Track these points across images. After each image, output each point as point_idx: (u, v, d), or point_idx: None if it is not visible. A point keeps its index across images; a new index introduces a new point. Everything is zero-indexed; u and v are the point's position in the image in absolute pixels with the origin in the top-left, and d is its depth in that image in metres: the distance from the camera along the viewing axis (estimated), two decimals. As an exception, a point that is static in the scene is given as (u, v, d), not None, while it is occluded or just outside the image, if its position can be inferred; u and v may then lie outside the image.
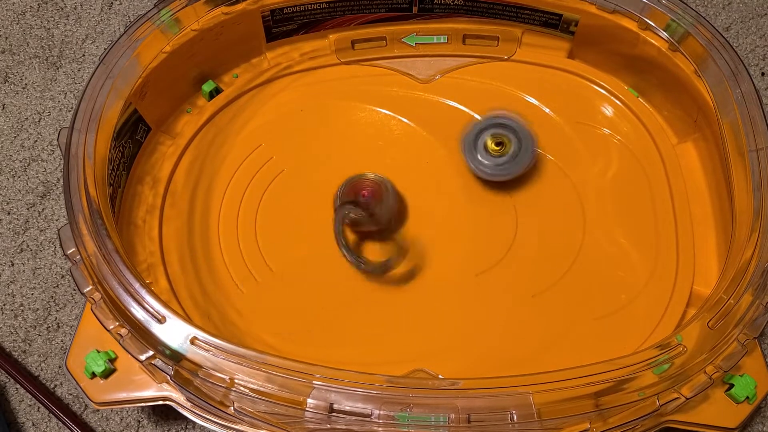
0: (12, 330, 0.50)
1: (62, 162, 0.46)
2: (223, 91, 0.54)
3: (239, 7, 0.52)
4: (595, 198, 0.51)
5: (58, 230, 0.43)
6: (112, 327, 0.40)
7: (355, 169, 0.51)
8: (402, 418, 0.38)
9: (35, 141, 0.56)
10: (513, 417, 0.38)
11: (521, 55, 0.55)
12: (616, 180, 0.52)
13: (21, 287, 0.51)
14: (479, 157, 0.50)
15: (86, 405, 0.48)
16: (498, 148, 0.50)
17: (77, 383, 0.43)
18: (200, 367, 0.38)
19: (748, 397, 0.42)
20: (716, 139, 0.49)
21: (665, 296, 0.48)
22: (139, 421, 0.47)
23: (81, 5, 0.61)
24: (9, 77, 0.58)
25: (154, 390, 0.43)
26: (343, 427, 0.38)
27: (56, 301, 0.51)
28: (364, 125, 0.54)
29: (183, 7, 0.49)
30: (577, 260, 0.49)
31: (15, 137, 0.56)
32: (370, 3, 0.54)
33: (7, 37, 0.60)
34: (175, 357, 0.39)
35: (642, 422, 0.40)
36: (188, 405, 0.42)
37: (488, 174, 0.50)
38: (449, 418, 0.37)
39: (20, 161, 0.55)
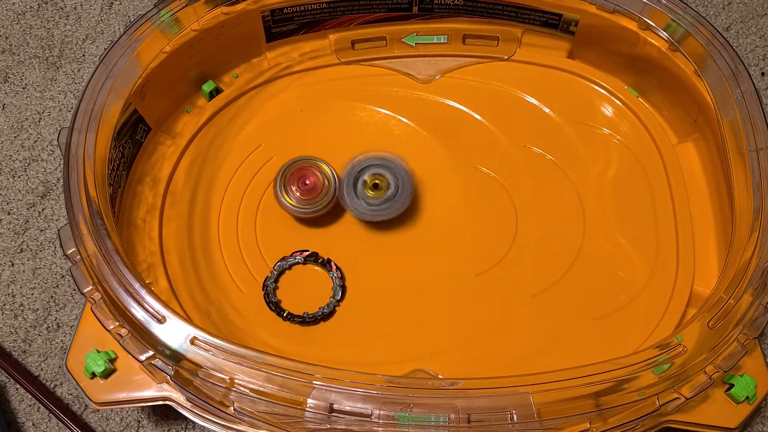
0: (12, 330, 0.50)
1: (62, 162, 0.46)
2: (223, 91, 0.54)
3: (239, 7, 0.52)
4: (595, 198, 0.51)
5: (58, 230, 0.43)
6: (112, 327, 0.40)
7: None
8: (402, 418, 0.38)
9: (35, 141, 0.56)
10: (513, 417, 0.38)
11: (521, 55, 0.55)
12: (616, 180, 0.52)
13: (21, 287, 0.51)
14: (357, 199, 0.49)
15: (86, 405, 0.48)
16: (375, 190, 0.49)
17: (77, 383, 0.43)
18: (200, 367, 0.38)
19: (748, 397, 0.42)
20: (716, 139, 0.49)
21: (665, 296, 0.48)
22: (139, 421, 0.47)
23: (81, 5, 0.61)
24: (9, 77, 0.58)
25: (154, 390, 0.43)
26: (343, 427, 0.38)
27: (56, 301, 0.51)
28: (364, 125, 0.54)
29: (183, 7, 0.49)
30: (577, 260, 0.49)
31: (15, 137, 0.56)
32: (370, 3, 0.54)
33: (7, 37, 0.60)
34: (175, 357, 0.39)
35: (642, 422, 0.40)
36: (188, 405, 0.42)
37: (365, 215, 0.49)
38: (449, 418, 0.37)
39: (20, 161, 0.55)
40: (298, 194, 0.49)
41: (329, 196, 0.49)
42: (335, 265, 0.49)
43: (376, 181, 0.49)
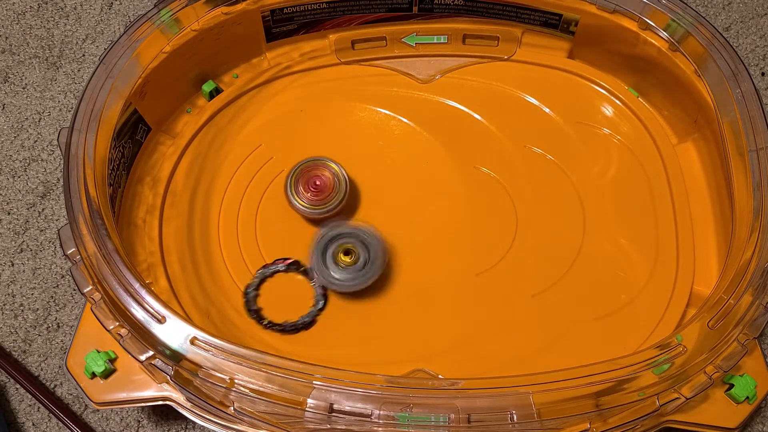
0: (12, 330, 0.50)
1: (62, 162, 0.46)
2: (223, 91, 0.54)
3: (239, 7, 0.52)
4: (595, 198, 0.51)
5: (58, 230, 0.43)
6: (112, 327, 0.40)
7: (355, 168, 0.51)
8: (402, 418, 0.38)
9: (35, 141, 0.56)
10: (513, 417, 0.38)
11: (521, 55, 0.55)
12: (616, 180, 0.52)
13: (21, 287, 0.51)
14: (328, 269, 0.47)
15: (86, 405, 0.48)
16: (347, 258, 0.47)
17: (77, 383, 0.43)
18: (200, 367, 0.38)
19: (748, 397, 0.42)
20: (716, 139, 0.49)
21: (665, 296, 0.48)
22: (139, 421, 0.47)
23: (81, 5, 0.61)
24: (9, 77, 0.58)
25: (154, 390, 0.43)
26: (343, 427, 0.38)
27: (56, 301, 0.51)
28: (364, 125, 0.54)
29: (183, 7, 0.49)
30: (577, 260, 0.49)
31: (15, 137, 0.56)
32: (370, 3, 0.54)
33: (7, 37, 0.60)
34: (175, 357, 0.39)
35: (642, 422, 0.40)
36: (188, 405, 0.42)
37: (339, 286, 0.47)
38: (449, 418, 0.37)
39: (20, 161, 0.55)
40: (308, 195, 0.49)
41: (340, 196, 0.49)
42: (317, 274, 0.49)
43: (349, 249, 0.47)
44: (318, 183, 0.49)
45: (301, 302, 0.48)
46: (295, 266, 0.48)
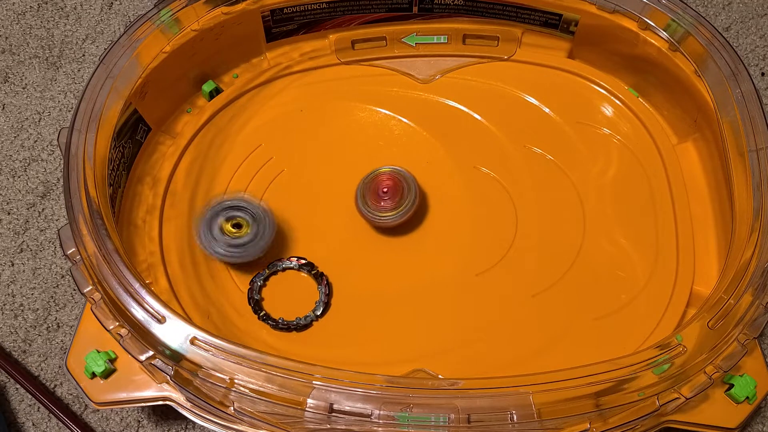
0: (12, 330, 0.50)
1: (62, 162, 0.46)
2: (223, 91, 0.54)
3: (239, 7, 0.52)
4: (595, 198, 0.51)
5: (58, 230, 0.43)
6: (112, 327, 0.40)
7: (355, 168, 0.51)
8: (402, 418, 0.38)
9: (35, 141, 0.56)
10: (513, 417, 0.38)
11: (521, 55, 0.55)
12: (616, 180, 0.52)
13: (21, 287, 0.51)
14: (215, 240, 0.47)
15: (86, 405, 0.48)
16: (235, 230, 0.47)
17: (77, 383, 0.43)
18: (200, 367, 0.38)
19: (748, 397, 0.42)
20: (716, 139, 0.49)
21: (665, 296, 0.48)
22: (139, 421, 0.47)
23: (81, 5, 0.61)
24: (9, 77, 0.58)
25: (154, 390, 0.43)
26: (343, 427, 0.38)
27: (56, 301, 0.51)
28: (364, 125, 0.54)
29: (183, 7, 0.49)
30: (577, 260, 0.49)
31: (15, 137, 0.56)
32: (370, 3, 0.54)
33: (7, 37, 0.60)
34: (175, 357, 0.39)
35: (642, 422, 0.40)
36: (188, 405, 0.42)
37: (225, 256, 0.47)
38: (449, 418, 0.37)
39: (20, 161, 0.55)
40: (381, 203, 0.48)
41: (412, 196, 0.48)
42: (327, 279, 0.48)
43: (238, 222, 0.47)
44: (385, 189, 0.48)
45: (303, 304, 0.48)
46: (308, 267, 0.48)
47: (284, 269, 0.49)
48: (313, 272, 0.48)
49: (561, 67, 0.55)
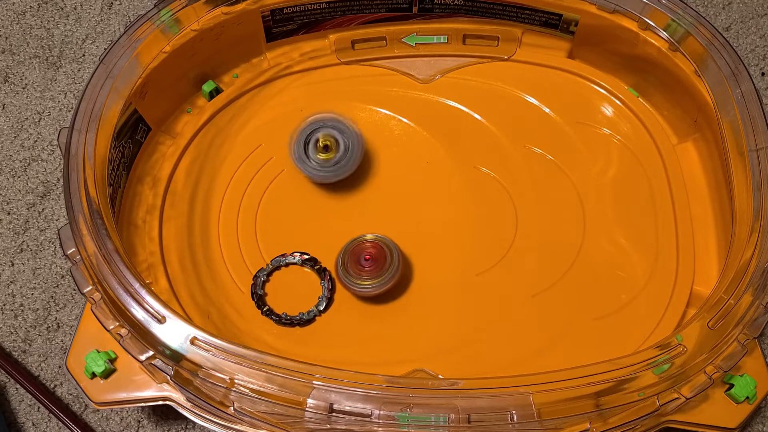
0: (12, 330, 0.50)
1: (62, 162, 0.46)
2: (223, 91, 0.54)
3: (239, 7, 0.52)
4: (595, 198, 0.51)
5: (58, 230, 0.43)
6: (112, 327, 0.40)
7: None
8: (402, 418, 0.38)
9: (35, 141, 0.56)
10: (513, 417, 0.38)
11: (521, 55, 0.55)
12: (616, 180, 0.52)
13: (21, 287, 0.51)
14: (308, 160, 0.50)
15: (86, 405, 0.48)
16: (326, 153, 0.49)
17: (77, 383, 0.43)
18: (200, 367, 0.38)
19: (748, 397, 0.42)
20: (716, 139, 0.49)
21: (665, 296, 0.48)
22: (139, 421, 0.47)
23: (81, 5, 0.61)
24: (9, 77, 0.58)
25: (154, 390, 0.43)
26: (343, 427, 0.38)
27: (56, 301, 0.51)
28: (364, 125, 0.54)
29: (183, 7, 0.49)
30: (577, 260, 0.49)
31: (15, 137, 0.56)
32: (370, 3, 0.54)
33: (7, 37, 0.60)
34: (175, 357, 0.39)
35: (642, 422, 0.40)
36: (188, 405, 0.42)
37: (317, 176, 0.50)
38: (449, 418, 0.37)
39: (20, 161, 0.55)
40: (363, 271, 0.47)
41: (394, 266, 0.47)
42: (330, 275, 0.48)
43: (327, 143, 0.49)
44: (368, 258, 0.47)
45: (306, 299, 0.48)
46: (311, 263, 0.48)
47: (287, 264, 0.49)
48: (316, 267, 0.48)
49: (561, 67, 0.55)
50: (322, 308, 0.48)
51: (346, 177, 0.50)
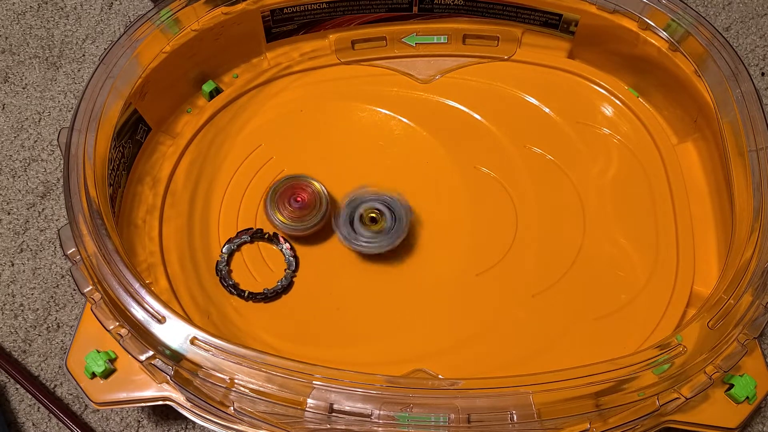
0: (12, 330, 0.50)
1: (62, 162, 0.46)
2: (223, 91, 0.54)
3: (239, 7, 0.52)
4: (595, 198, 0.51)
5: (58, 230, 0.43)
6: (112, 327, 0.40)
7: (355, 168, 0.51)
8: (402, 418, 0.38)
9: (35, 141, 0.56)
10: (513, 417, 0.38)
11: (521, 55, 0.55)
12: (616, 180, 0.52)
13: (21, 287, 0.51)
14: (354, 231, 0.48)
15: (86, 405, 0.48)
16: (372, 224, 0.48)
17: (77, 383, 0.43)
18: (200, 367, 0.38)
19: (748, 397, 0.42)
20: (716, 139, 0.49)
21: (665, 296, 0.48)
22: (139, 421, 0.47)
23: (81, 5, 0.61)
24: (9, 77, 0.58)
25: (154, 390, 0.43)
26: (343, 427, 0.38)
27: (56, 301, 0.51)
28: (364, 125, 0.54)
29: (183, 7, 0.49)
30: (577, 260, 0.49)
31: (15, 137, 0.56)
32: (370, 3, 0.54)
33: (7, 37, 0.60)
34: (175, 357, 0.39)
35: (642, 422, 0.40)
36: (188, 405, 0.42)
37: (363, 247, 0.48)
38: (449, 418, 0.37)
39: (20, 161, 0.55)
40: (289, 210, 0.48)
41: (321, 213, 0.48)
42: (283, 238, 0.49)
43: (373, 215, 0.48)
44: (299, 200, 0.48)
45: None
46: (259, 234, 0.49)
47: (240, 246, 0.49)
48: (266, 237, 0.49)
49: (561, 67, 0.55)
50: (293, 269, 0.48)
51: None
